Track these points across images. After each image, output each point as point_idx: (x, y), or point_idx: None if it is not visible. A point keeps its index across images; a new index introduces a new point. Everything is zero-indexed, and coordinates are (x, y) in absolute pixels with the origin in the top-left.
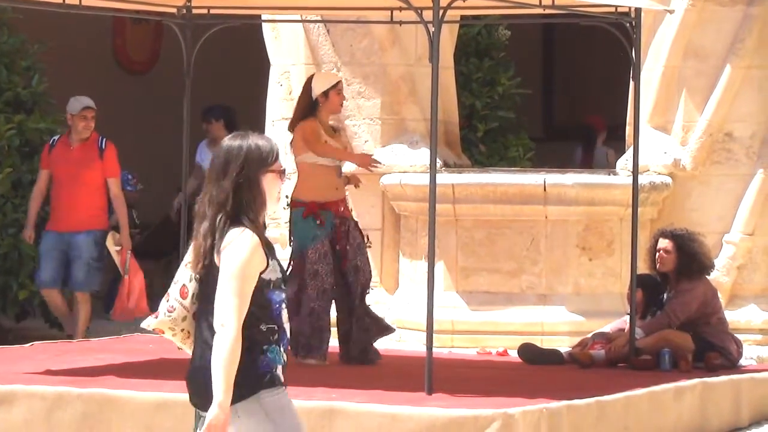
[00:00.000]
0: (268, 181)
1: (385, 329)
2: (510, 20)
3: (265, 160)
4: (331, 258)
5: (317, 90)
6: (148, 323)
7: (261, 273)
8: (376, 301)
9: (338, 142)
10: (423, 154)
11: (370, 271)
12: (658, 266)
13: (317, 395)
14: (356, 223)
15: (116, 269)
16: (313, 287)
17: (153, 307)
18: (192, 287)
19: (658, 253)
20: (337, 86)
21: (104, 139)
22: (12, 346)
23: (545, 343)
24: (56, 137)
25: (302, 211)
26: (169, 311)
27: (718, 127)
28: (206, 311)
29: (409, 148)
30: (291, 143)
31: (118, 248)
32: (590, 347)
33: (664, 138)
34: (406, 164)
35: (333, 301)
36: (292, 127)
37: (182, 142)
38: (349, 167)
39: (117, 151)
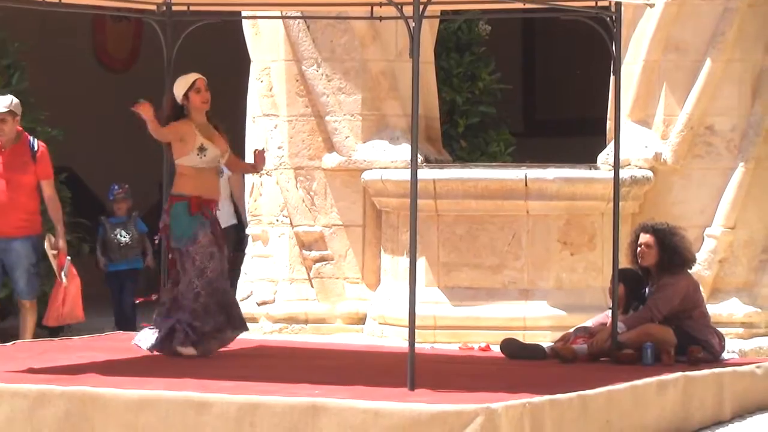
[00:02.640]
0: None
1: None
2: (490, 15)
3: None
4: (218, 253)
5: (178, 95)
6: None
7: None
8: (358, 297)
9: (216, 142)
10: (404, 150)
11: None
12: (639, 261)
13: (300, 392)
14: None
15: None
16: (201, 279)
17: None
18: None
19: (639, 248)
20: (194, 86)
21: (36, 141)
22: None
23: (527, 338)
24: None
25: (186, 205)
26: None
27: (699, 121)
28: None
29: (390, 143)
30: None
31: (55, 252)
32: (572, 342)
33: (644, 132)
34: (387, 160)
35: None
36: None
37: None
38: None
39: (49, 151)
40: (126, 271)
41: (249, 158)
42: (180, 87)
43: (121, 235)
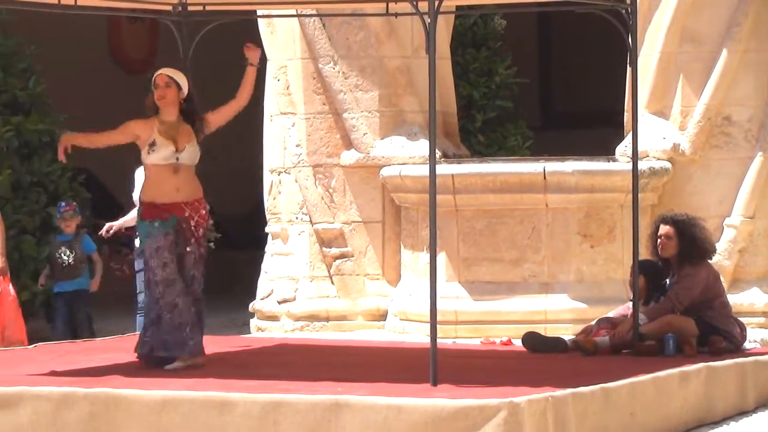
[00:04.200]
0: None
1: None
2: (505, 10)
3: None
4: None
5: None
6: None
7: None
8: (379, 293)
9: (179, 139)
10: (422, 146)
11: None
12: (660, 252)
13: (322, 389)
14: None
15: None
16: (157, 292)
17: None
18: None
19: (659, 239)
20: (153, 82)
21: None
22: (16, 348)
23: (549, 331)
24: None
25: (140, 211)
26: None
27: (716, 111)
28: None
29: (408, 139)
30: None
31: None
32: (595, 333)
33: (662, 123)
34: (405, 156)
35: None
36: None
37: None
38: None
39: None
40: (73, 293)
41: (266, 157)
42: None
43: (64, 254)
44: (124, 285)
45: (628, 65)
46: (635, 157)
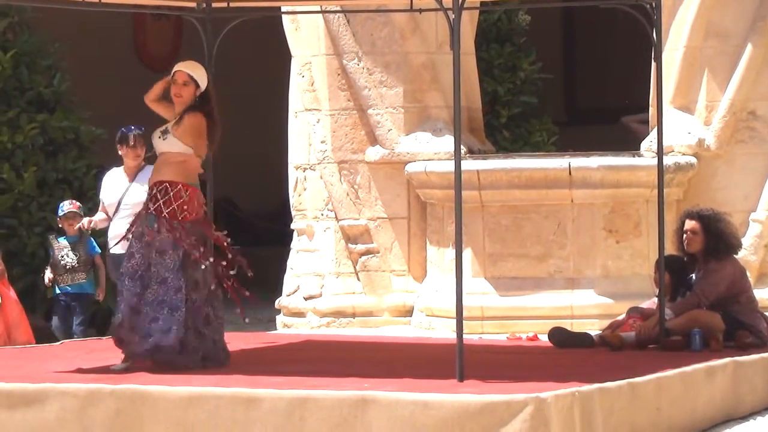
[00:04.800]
0: None
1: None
2: (530, 5)
3: None
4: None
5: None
6: None
7: None
8: (405, 289)
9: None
10: (447, 142)
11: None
12: (685, 247)
13: (349, 385)
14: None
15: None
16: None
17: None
18: None
19: (685, 234)
20: (173, 76)
21: None
22: (42, 345)
23: (575, 326)
24: None
25: None
26: None
27: (741, 106)
28: None
29: (433, 135)
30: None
31: None
32: (626, 323)
33: (687, 118)
34: (430, 152)
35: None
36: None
37: None
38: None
39: None
40: (74, 295)
41: (291, 154)
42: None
43: (68, 256)
44: None
45: (652, 60)
46: (660, 153)
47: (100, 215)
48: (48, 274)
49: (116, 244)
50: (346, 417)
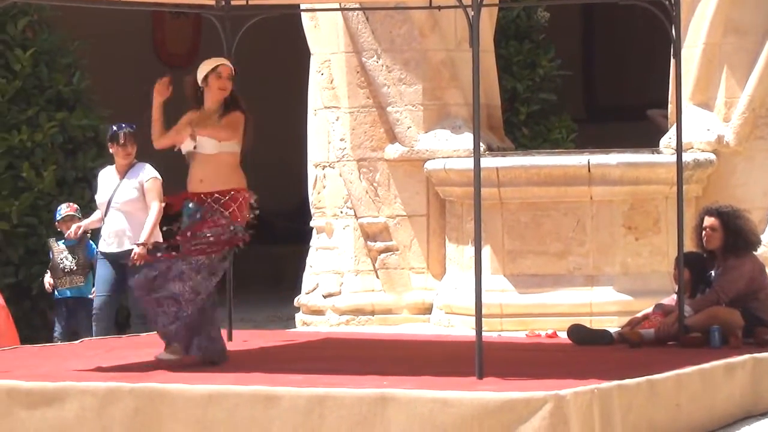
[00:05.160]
0: None
1: None
2: (549, 2)
3: None
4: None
5: (199, 78)
6: None
7: None
8: (424, 287)
9: (212, 130)
10: (466, 139)
11: None
12: (705, 244)
13: (368, 383)
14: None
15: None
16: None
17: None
18: None
19: (704, 231)
20: (216, 70)
21: None
22: (61, 344)
23: (594, 323)
24: None
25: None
26: None
27: (761, 102)
28: None
29: (452, 133)
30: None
31: None
32: (649, 318)
33: (706, 115)
34: (449, 149)
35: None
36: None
37: None
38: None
39: None
40: (74, 300)
41: (310, 151)
42: (202, 70)
43: (67, 260)
44: None
45: (671, 57)
46: (680, 149)
47: (96, 215)
48: (48, 278)
49: None
50: (366, 415)
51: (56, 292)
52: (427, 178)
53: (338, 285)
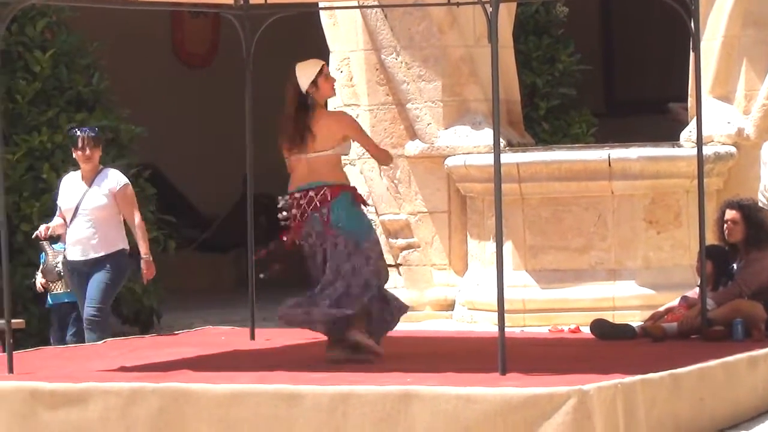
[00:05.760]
0: None
1: None
2: None
3: None
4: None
5: (304, 83)
6: None
7: None
8: (446, 283)
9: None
10: (486, 135)
11: None
12: (726, 237)
13: (391, 380)
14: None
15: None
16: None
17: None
18: None
19: (726, 224)
20: (322, 71)
21: None
22: (85, 344)
23: (617, 318)
24: None
25: (351, 196)
26: None
27: None
28: None
29: (472, 129)
30: (316, 136)
31: None
32: (676, 311)
33: (726, 108)
34: (469, 145)
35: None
36: (287, 126)
37: (245, 132)
38: None
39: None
40: (71, 305)
41: None
42: (306, 74)
43: (61, 263)
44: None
45: (690, 50)
46: (700, 143)
47: (57, 220)
48: (39, 279)
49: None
50: (389, 412)
51: (49, 299)
52: (448, 175)
53: None
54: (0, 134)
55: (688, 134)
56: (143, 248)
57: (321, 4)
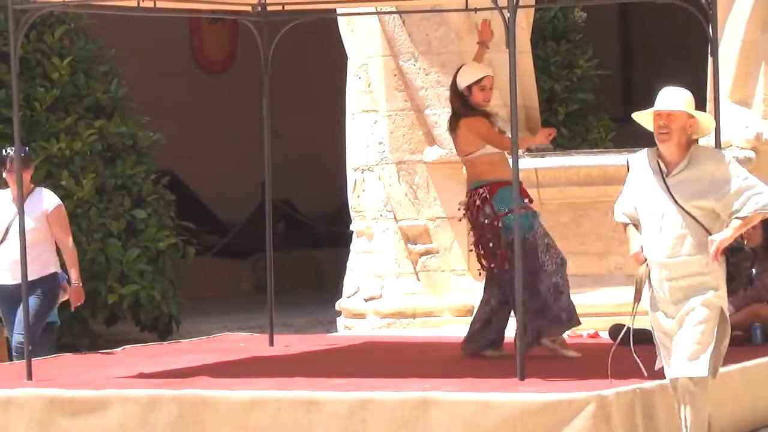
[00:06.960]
0: None
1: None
2: (585, 2)
3: None
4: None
5: (461, 84)
6: None
7: None
8: (465, 289)
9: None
10: None
11: None
12: (745, 242)
13: (410, 386)
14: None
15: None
16: (550, 262)
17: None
18: None
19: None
20: (480, 82)
21: None
22: (102, 352)
23: (636, 323)
24: None
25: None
26: None
27: None
28: None
29: None
30: (457, 139)
31: None
32: None
33: (745, 112)
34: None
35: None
36: (454, 123)
37: (263, 138)
38: None
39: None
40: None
41: (349, 155)
42: (464, 78)
43: None
44: None
45: (709, 55)
46: (718, 147)
47: None
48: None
49: None
50: (408, 418)
51: None
52: (467, 180)
53: (379, 288)
54: (18, 142)
55: (706, 139)
56: (74, 274)
57: (339, 11)
